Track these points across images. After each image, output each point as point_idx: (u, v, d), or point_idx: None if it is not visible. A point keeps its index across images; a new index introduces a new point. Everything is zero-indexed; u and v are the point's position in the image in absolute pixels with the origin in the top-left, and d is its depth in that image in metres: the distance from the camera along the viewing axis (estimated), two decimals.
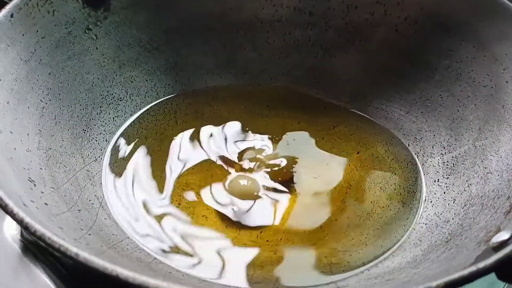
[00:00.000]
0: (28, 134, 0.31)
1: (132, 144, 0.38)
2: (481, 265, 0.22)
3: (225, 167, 0.37)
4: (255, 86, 0.44)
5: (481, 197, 0.33)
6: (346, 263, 0.32)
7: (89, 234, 0.29)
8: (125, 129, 0.39)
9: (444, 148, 0.38)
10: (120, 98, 0.39)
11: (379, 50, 0.42)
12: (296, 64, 0.44)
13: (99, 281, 0.22)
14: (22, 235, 0.34)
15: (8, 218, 0.34)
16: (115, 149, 0.37)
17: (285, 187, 0.36)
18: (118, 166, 0.37)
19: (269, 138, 0.40)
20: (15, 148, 0.30)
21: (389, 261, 0.32)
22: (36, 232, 0.23)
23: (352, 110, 0.42)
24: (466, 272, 0.22)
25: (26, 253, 0.33)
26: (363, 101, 0.42)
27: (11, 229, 0.34)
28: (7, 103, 0.31)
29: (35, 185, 0.29)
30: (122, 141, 0.38)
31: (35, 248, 0.33)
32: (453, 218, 0.33)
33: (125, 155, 0.37)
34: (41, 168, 0.31)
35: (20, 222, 0.23)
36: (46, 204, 0.28)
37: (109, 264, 0.22)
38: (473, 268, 0.22)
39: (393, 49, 0.41)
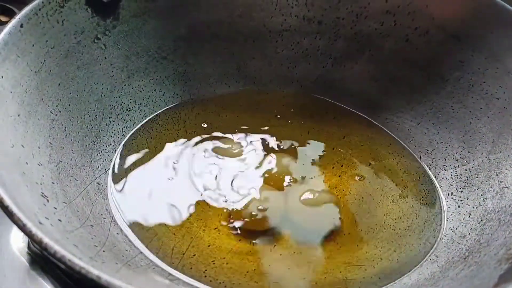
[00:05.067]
0: (39, 147, 0.31)
1: (142, 155, 0.37)
2: (508, 287, 0.22)
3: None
4: (264, 95, 0.43)
5: (498, 212, 0.32)
6: (362, 278, 0.32)
7: (103, 251, 0.28)
8: (134, 140, 0.38)
9: (457, 160, 0.38)
10: (129, 108, 0.39)
11: (389, 60, 0.42)
12: (305, 73, 0.44)
13: None
14: (29, 247, 0.33)
15: (14, 231, 0.34)
16: (125, 160, 0.37)
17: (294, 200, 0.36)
18: (128, 178, 0.36)
19: (278, 147, 0.39)
20: (27, 163, 0.29)
21: (406, 278, 0.31)
22: (56, 254, 0.22)
23: (362, 120, 0.42)
24: None
25: (33, 266, 0.32)
26: (373, 111, 0.42)
27: (18, 242, 0.33)
28: (18, 115, 0.30)
29: (48, 200, 0.28)
30: (131, 152, 0.37)
31: (43, 261, 0.32)
32: (469, 234, 0.33)
33: (135, 166, 0.37)
34: (53, 182, 0.30)
35: (39, 243, 0.22)
36: (60, 220, 0.27)
37: (131, 287, 0.21)
38: None
39: (404, 60, 0.41)
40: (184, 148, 0.39)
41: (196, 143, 0.39)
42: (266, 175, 0.37)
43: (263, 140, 0.40)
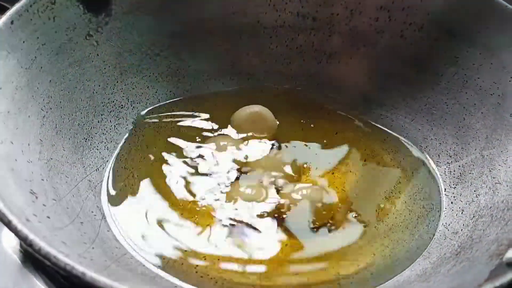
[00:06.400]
0: (29, 144, 0.31)
1: (134, 153, 0.37)
2: (497, 282, 0.22)
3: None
4: (258, 92, 0.43)
5: (490, 208, 0.32)
6: (355, 274, 0.32)
7: (93, 248, 0.28)
8: (126, 137, 0.38)
9: (451, 156, 0.37)
10: (122, 105, 0.39)
11: (384, 56, 0.41)
12: (299, 70, 0.43)
13: None
14: (21, 245, 0.33)
15: (6, 229, 0.34)
16: (117, 158, 0.37)
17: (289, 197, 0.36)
18: (120, 175, 0.36)
19: (272, 144, 0.39)
20: (16, 159, 0.29)
21: (398, 274, 0.31)
22: (41, 251, 0.22)
23: (357, 116, 0.42)
24: None
25: (26, 264, 0.32)
26: (368, 107, 0.42)
27: (11, 239, 0.33)
28: (8, 112, 0.30)
29: (37, 197, 0.28)
30: (123, 150, 0.37)
31: (35, 258, 0.32)
32: (462, 230, 0.33)
33: (127, 164, 0.37)
34: (42, 180, 0.30)
35: (24, 239, 0.22)
36: (48, 217, 0.27)
37: (118, 284, 0.21)
38: (489, 286, 0.22)
39: (398, 55, 0.41)
40: (178, 145, 0.38)
41: (190, 140, 0.39)
42: (260, 171, 0.37)
43: (257, 137, 0.40)
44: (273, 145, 0.39)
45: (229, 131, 0.40)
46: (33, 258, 0.32)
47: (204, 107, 0.41)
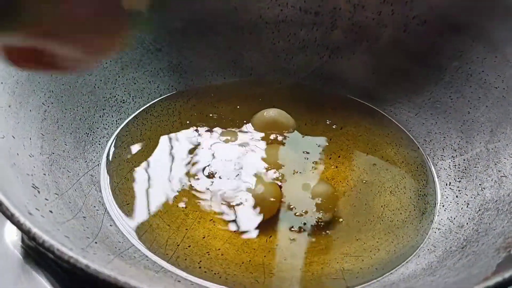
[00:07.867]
0: (30, 139, 0.30)
1: (136, 147, 0.37)
2: (507, 274, 0.22)
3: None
4: (261, 87, 0.43)
5: (496, 201, 0.32)
6: (359, 269, 0.32)
7: (96, 242, 0.28)
8: (128, 132, 0.38)
9: (455, 150, 0.37)
10: (123, 100, 0.38)
11: (387, 50, 0.41)
12: (302, 65, 0.43)
13: None
14: (23, 241, 0.33)
15: (8, 224, 0.33)
16: (119, 152, 0.36)
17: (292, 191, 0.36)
18: (122, 169, 0.36)
19: (275, 139, 0.39)
20: (17, 154, 0.29)
21: (404, 268, 0.31)
22: (45, 244, 0.22)
23: (360, 111, 0.41)
24: (491, 282, 0.21)
25: (27, 259, 0.32)
26: (371, 102, 0.42)
27: (12, 235, 0.33)
28: (9, 106, 0.30)
29: (39, 191, 0.28)
30: (125, 144, 0.37)
31: (36, 254, 0.32)
32: (467, 223, 0.32)
33: (129, 158, 0.36)
34: (44, 174, 0.30)
35: (27, 232, 0.22)
36: (51, 211, 0.27)
37: (121, 276, 0.21)
38: (498, 278, 0.22)
39: (401, 50, 0.41)
40: (180, 139, 0.38)
41: (191, 135, 0.39)
42: (263, 166, 0.37)
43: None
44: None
45: (231, 125, 0.40)
46: (34, 254, 0.32)
47: (206, 102, 0.41)
